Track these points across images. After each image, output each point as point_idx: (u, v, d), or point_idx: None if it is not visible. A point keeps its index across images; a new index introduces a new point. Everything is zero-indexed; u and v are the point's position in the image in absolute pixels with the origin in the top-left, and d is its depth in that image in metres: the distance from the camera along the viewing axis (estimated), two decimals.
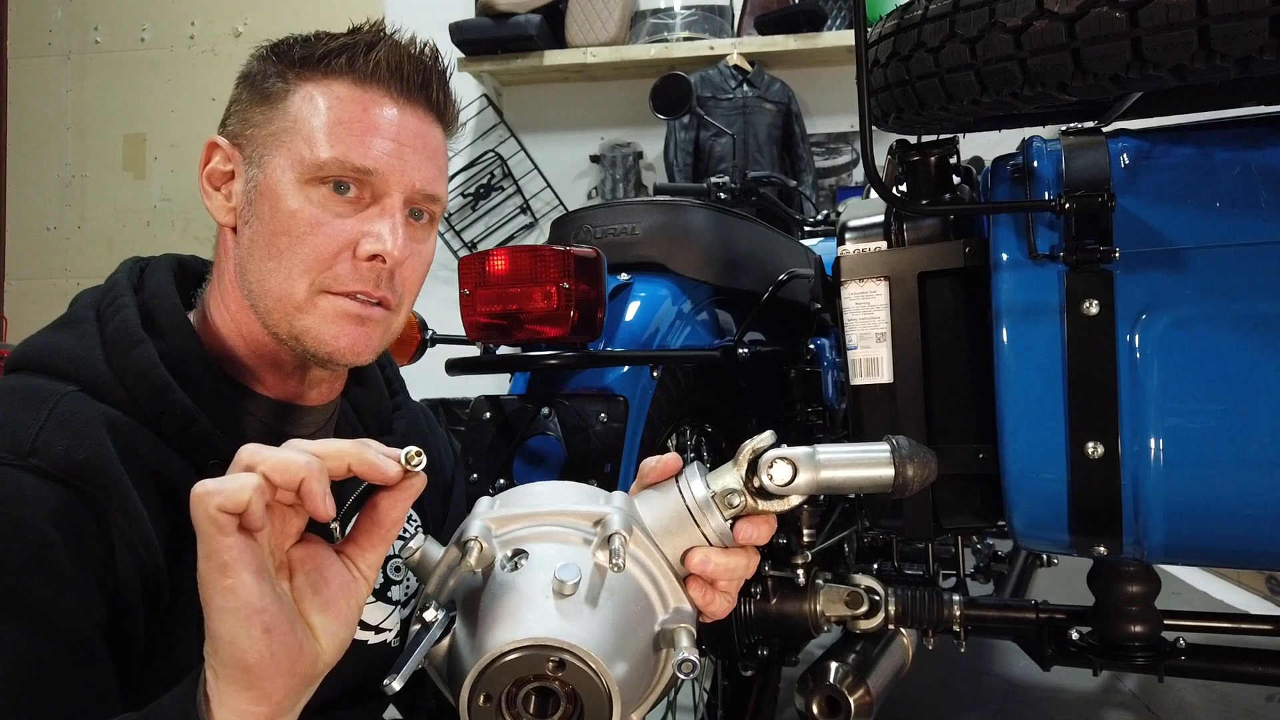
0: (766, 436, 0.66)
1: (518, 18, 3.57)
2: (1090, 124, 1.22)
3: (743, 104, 3.53)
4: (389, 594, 0.89)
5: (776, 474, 0.65)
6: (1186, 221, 1.02)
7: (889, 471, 0.64)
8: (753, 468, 0.65)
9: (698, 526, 0.66)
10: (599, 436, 1.13)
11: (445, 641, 0.60)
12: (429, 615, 0.60)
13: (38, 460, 0.65)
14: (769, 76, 3.62)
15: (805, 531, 1.46)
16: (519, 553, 0.60)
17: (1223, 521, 1.02)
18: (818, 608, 1.38)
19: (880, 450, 0.65)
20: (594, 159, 3.93)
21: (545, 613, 0.56)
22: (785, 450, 0.65)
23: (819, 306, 1.63)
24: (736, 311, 1.49)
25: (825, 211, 2.51)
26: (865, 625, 1.37)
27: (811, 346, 1.59)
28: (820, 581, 1.40)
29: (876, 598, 1.37)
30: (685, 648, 0.60)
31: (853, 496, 1.55)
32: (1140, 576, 1.26)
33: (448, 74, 0.84)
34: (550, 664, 0.55)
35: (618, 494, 0.67)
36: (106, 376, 0.73)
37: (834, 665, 1.36)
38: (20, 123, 4.47)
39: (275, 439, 0.81)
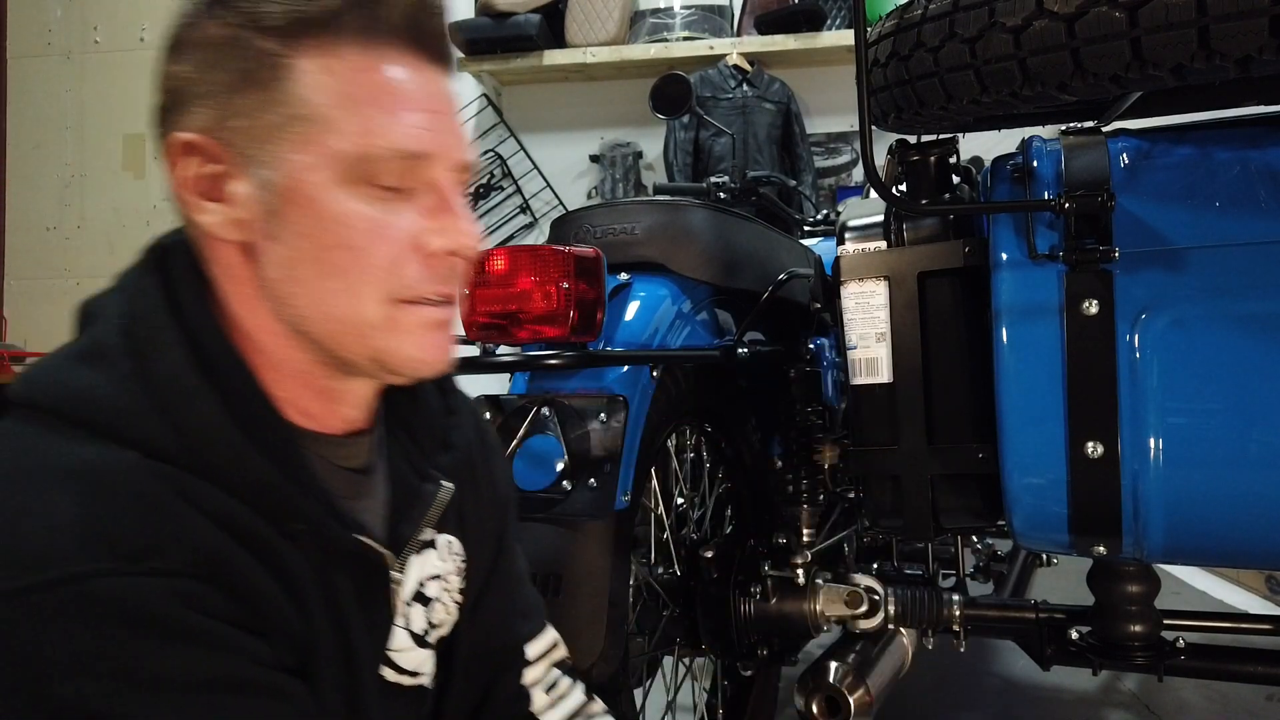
0: None
1: (517, 17, 3.56)
2: (1090, 124, 1.22)
3: (742, 104, 3.53)
4: (427, 639, 0.80)
5: None
6: (1186, 221, 1.02)
7: None
8: None
9: None
10: (599, 436, 1.13)
11: None
12: None
13: (153, 562, 0.55)
14: (769, 76, 3.62)
15: (805, 531, 1.46)
16: None
17: (1223, 521, 1.02)
18: (817, 608, 1.39)
19: None
20: (594, 159, 3.93)
21: None
22: None
23: (819, 306, 1.63)
24: (736, 311, 1.49)
25: (825, 211, 2.51)
26: (865, 625, 1.37)
27: (811, 346, 1.59)
28: (820, 581, 1.40)
29: (876, 597, 1.37)
30: None
31: (852, 495, 1.55)
32: (1140, 576, 1.26)
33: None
34: None
35: None
36: (166, 436, 0.60)
37: (834, 665, 1.36)
38: (20, 123, 4.47)
39: (339, 479, 0.70)
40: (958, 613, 1.36)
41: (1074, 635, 1.32)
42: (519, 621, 0.89)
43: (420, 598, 0.77)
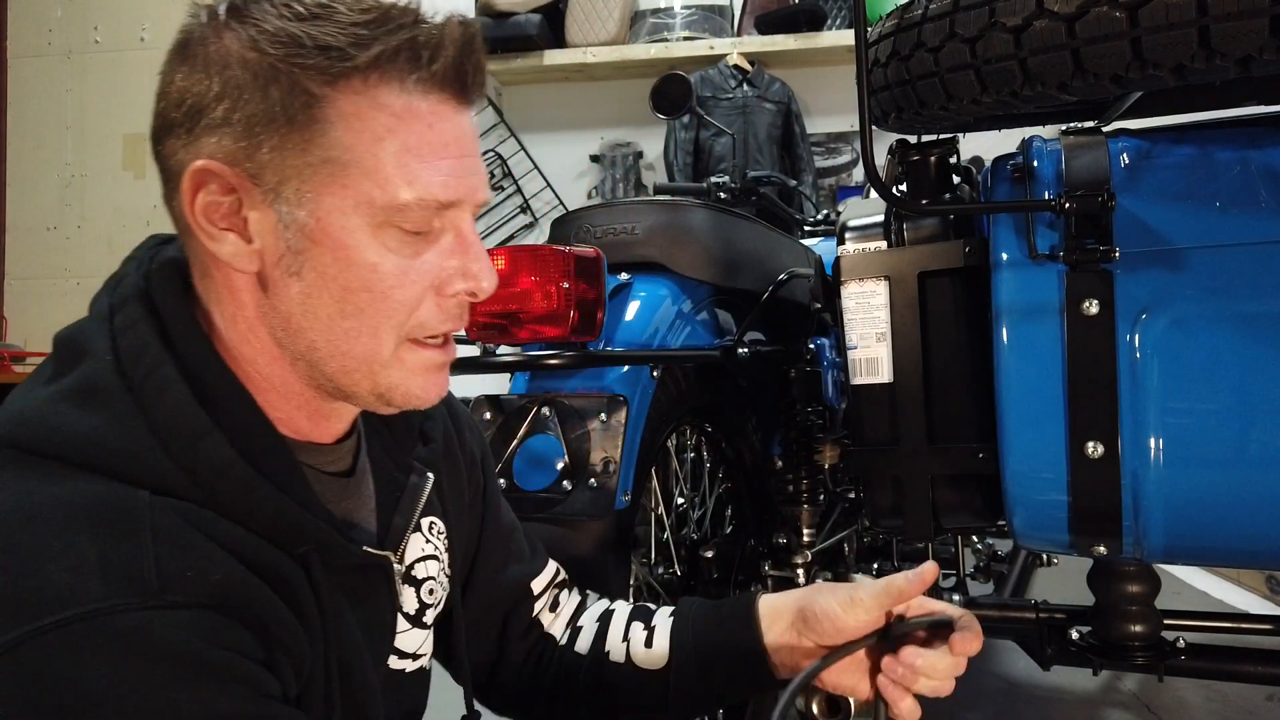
0: None
1: (518, 17, 3.56)
2: (1090, 124, 1.22)
3: (743, 104, 3.53)
4: (424, 619, 0.81)
5: None
6: (1186, 221, 1.02)
7: None
8: None
9: None
10: (599, 436, 1.13)
11: None
12: None
13: (173, 595, 0.55)
14: (769, 76, 3.62)
15: (805, 531, 1.46)
16: None
17: (1223, 521, 1.02)
18: None
19: None
20: (594, 159, 3.93)
21: None
22: None
23: (819, 306, 1.63)
24: (736, 311, 1.49)
25: (825, 211, 2.51)
26: None
27: (811, 346, 1.59)
28: (820, 581, 1.40)
29: None
30: None
31: (852, 495, 1.55)
32: (1140, 576, 1.26)
33: None
34: None
35: None
36: (174, 475, 0.59)
37: None
38: (20, 123, 4.47)
39: (327, 485, 0.71)
40: None
41: (1074, 635, 1.32)
42: (519, 566, 0.93)
43: (410, 580, 0.79)
